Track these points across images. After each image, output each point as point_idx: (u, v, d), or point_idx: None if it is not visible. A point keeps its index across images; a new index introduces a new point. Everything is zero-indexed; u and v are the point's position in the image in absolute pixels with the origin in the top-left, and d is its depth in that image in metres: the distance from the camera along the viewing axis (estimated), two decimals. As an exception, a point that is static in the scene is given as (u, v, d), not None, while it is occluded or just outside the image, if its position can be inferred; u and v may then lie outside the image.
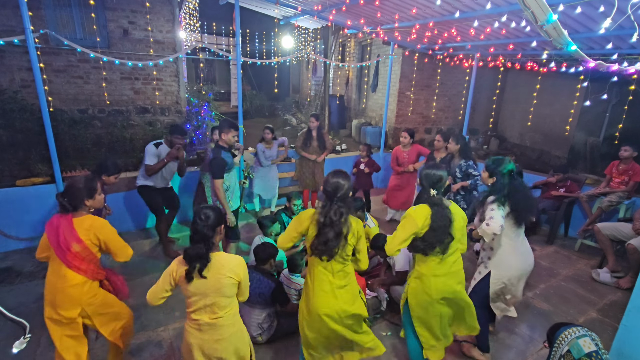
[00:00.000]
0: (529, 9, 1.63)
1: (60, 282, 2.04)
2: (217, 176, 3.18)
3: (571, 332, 1.89)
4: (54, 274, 2.07)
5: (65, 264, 2.03)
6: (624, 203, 4.46)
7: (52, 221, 2.08)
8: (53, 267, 2.08)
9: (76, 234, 2.03)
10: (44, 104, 3.76)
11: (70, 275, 2.04)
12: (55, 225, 2.05)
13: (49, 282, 2.09)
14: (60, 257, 2.02)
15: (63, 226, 2.03)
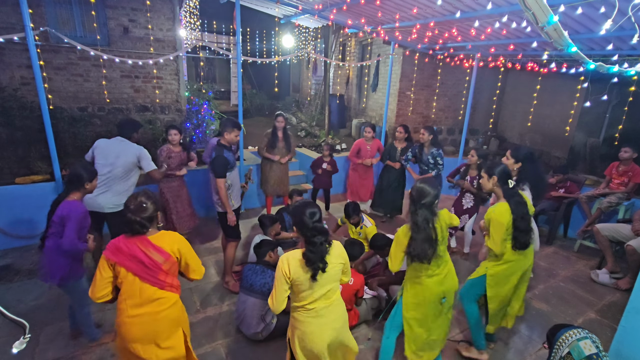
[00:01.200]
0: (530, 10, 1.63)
1: (156, 307, 1.87)
2: (219, 175, 3.18)
3: (572, 334, 1.89)
4: (140, 305, 1.85)
5: (158, 285, 1.88)
6: (623, 204, 4.46)
7: (120, 248, 1.85)
8: (134, 299, 1.85)
9: (163, 250, 1.88)
10: (44, 101, 3.75)
11: (167, 296, 1.91)
12: (128, 250, 1.85)
13: (134, 317, 1.84)
14: (150, 281, 1.86)
15: (143, 247, 1.85)
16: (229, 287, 3.54)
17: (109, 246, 1.89)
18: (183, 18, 7.45)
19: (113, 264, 1.86)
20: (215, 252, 4.23)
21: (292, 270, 1.85)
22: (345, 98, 10.13)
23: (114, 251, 1.86)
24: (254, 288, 2.80)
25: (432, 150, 4.61)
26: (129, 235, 1.88)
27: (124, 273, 1.85)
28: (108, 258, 1.85)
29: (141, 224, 1.86)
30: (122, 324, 1.87)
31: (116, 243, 1.88)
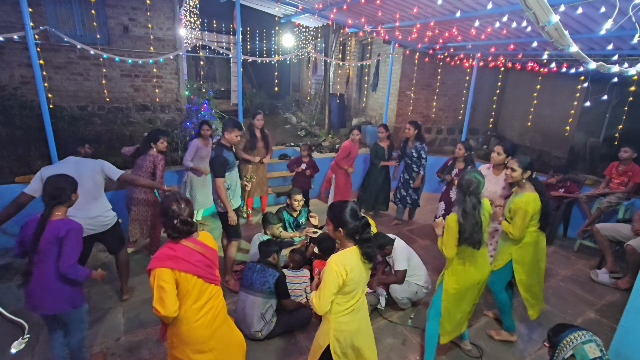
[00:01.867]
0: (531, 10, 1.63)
1: (214, 302, 1.92)
2: (218, 175, 3.18)
3: (577, 336, 1.87)
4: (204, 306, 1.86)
5: (215, 282, 1.92)
6: (623, 204, 4.47)
7: (178, 256, 1.78)
8: (199, 302, 1.85)
9: (211, 247, 1.92)
10: (44, 100, 3.75)
11: (219, 290, 1.97)
12: (188, 254, 1.81)
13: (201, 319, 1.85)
14: (210, 279, 1.88)
15: (198, 248, 1.85)
16: (229, 286, 3.54)
17: (162, 257, 1.77)
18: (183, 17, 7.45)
19: (176, 273, 1.76)
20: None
21: (349, 271, 1.79)
22: (346, 97, 10.13)
23: (175, 260, 1.77)
24: (253, 287, 2.81)
25: (416, 144, 4.84)
26: (176, 240, 1.82)
27: (189, 278, 1.79)
28: (173, 269, 1.75)
29: (192, 223, 1.85)
30: (190, 329, 1.82)
31: (169, 252, 1.79)
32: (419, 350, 2.88)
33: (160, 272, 1.73)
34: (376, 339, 2.95)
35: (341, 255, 1.83)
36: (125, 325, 3.00)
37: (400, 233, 4.97)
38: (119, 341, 2.82)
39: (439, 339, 2.59)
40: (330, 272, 1.78)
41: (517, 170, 2.74)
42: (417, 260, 3.37)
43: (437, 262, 4.28)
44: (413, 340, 2.99)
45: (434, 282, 3.77)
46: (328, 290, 1.78)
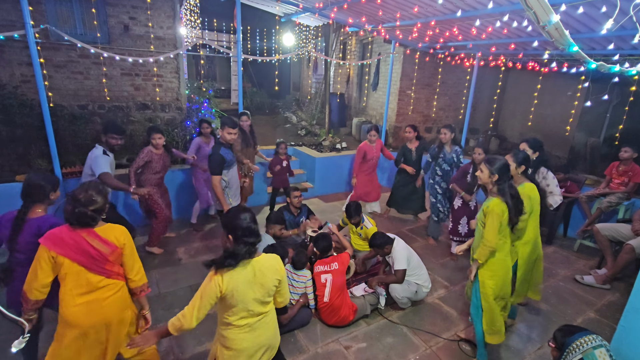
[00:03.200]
0: (532, 9, 1.62)
1: (103, 293, 1.92)
2: (214, 172, 3.17)
3: (587, 340, 1.85)
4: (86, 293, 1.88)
5: (104, 275, 1.92)
6: (623, 204, 4.46)
7: (63, 239, 1.83)
8: (80, 289, 1.87)
9: (109, 242, 1.92)
10: (44, 99, 3.75)
11: (113, 283, 1.96)
12: (74, 241, 1.84)
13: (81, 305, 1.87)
14: (96, 271, 1.89)
15: (89, 239, 1.87)
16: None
17: (48, 236, 1.82)
18: (183, 16, 7.44)
19: (54, 256, 1.81)
20: (215, 251, 4.24)
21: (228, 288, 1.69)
22: (346, 97, 10.12)
23: (56, 242, 1.81)
24: None
25: (456, 148, 4.59)
26: (75, 227, 1.86)
27: (69, 264, 1.83)
28: (50, 249, 1.80)
29: (92, 217, 1.87)
30: (70, 313, 1.87)
31: (58, 234, 1.83)
32: (418, 349, 2.88)
33: (41, 249, 1.82)
34: (376, 338, 2.97)
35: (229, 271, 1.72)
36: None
37: (400, 233, 4.98)
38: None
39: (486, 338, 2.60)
40: (206, 281, 1.73)
41: (511, 165, 2.67)
42: (417, 260, 3.37)
43: (438, 261, 4.29)
44: (413, 339, 2.99)
45: (434, 281, 3.78)
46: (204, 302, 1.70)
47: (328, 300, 3.01)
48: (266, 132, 9.01)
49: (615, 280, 3.93)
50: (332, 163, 6.45)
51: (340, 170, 6.59)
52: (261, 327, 1.86)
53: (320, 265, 3.13)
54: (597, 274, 3.93)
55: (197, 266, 3.91)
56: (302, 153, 6.73)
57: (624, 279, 4.00)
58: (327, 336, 2.98)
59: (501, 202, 2.39)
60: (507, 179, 2.45)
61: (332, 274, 3.06)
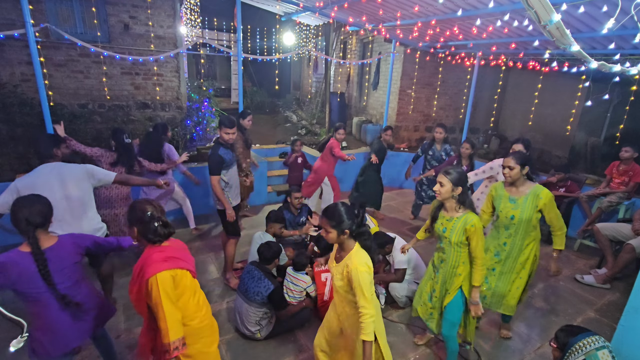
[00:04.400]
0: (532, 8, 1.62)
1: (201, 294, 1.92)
2: (213, 172, 3.17)
3: (590, 341, 1.84)
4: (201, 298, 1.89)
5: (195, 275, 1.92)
6: (623, 204, 4.46)
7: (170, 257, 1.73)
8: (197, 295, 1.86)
9: (183, 243, 1.94)
10: (44, 98, 3.74)
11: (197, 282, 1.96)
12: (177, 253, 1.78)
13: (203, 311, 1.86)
14: (194, 273, 1.90)
15: (178, 246, 1.85)
16: (229, 284, 3.55)
17: (158, 262, 1.66)
18: (184, 15, 7.44)
19: (174, 275, 1.69)
20: (215, 250, 4.24)
21: (371, 265, 1.89)
22: (346, 96, 10.12)
23: (171, 260, 1.71)
24: (247, 294, 2.77)
25: (445, 147, 4.92)
26: (157, 244, 1.75)
27: (185, 274, 1.77)
28: (171, 269, 1.67)
29: (170, 225, 1.82)
30: (200, 323, 1.82)
31: (160, 255, 1.70)
32: (418, 348, 2.88)
33: (162, 276, 1.62)
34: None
35: (360, 257, 1.87)
36: (125, 323, 3.01)
37: (400, 232, 4.98)
38: (119, 339, 2.82)
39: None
40: (364, 274, 1.81)
41: (515, 167, 2.54)
42: (417, 259, 3.37)
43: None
44: (413, 338, 2.99)
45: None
46: (371, 290, 1.84)
47: (328, 299, 3.02)
48: (266, 131, 9.00)
49: (615, 280, 3.93)
50: (332, 162, 6.44)
51: (340, 169, 6.57)
52: None
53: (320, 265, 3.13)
54: (597, 274, 3.93)
55: (197, 265, 3.91)
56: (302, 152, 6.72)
57: (624, 279, 4.00)
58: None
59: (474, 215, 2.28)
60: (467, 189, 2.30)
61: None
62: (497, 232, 2.76)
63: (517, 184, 2.60)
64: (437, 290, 2.50)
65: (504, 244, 2.70)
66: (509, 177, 2.57)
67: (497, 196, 2.70)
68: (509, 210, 2.61)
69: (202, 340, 1.83)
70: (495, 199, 2.70)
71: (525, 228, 2.60)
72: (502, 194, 2.67)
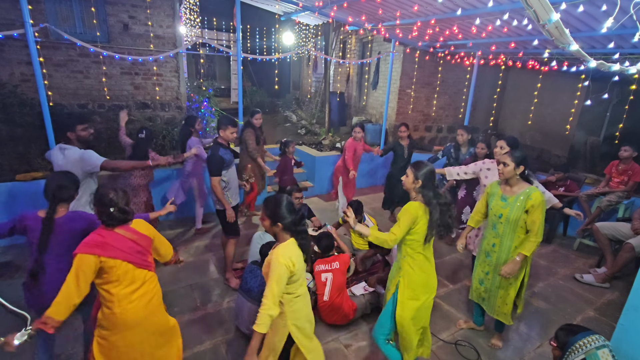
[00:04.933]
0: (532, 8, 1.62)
1: (148, 286, 1.96)
2: (214, 173, 3.18)
3: (590, 340, 1.85)
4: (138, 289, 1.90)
5: (148, 268, 1.97)
6: (623, 203, 4.47)
7: (107, 242, 1.81)
8: (132, 285, 1.89)
9: (144, 235, 1.98)
10: (44, 98, 3.74)
11: (153, 275, 2.02)
12: (119, 241, 1.85)
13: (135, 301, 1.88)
14: (143, 265, 1.94)
15: (130, 235, 1.90)
16: (229, 284, 3.55)
17: (91, 243, 1.79)
18: (183, 15, 7.43)
19: (103, 261, 1.80)
20: (215, 250, 4.24)
21: (296, 263, 1.91)
22: (346, 96, 10.11)
23: (100, 246, 1.80)
24: (251, 293, 2.76)
25: (471, 150, 4.66)
26: (110, 228, 1.87)
27: (118, 264, 1.84)
28: (99, 255, 1.78)
29: (128, 212, 1.91)
30: (128, 310, 1.86)
31: (99, 239, 1.82)
32: (418, 348, 2.89)
33: (83, 258, 1.75)
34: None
35: (281, 250, 1.92)
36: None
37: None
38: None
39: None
40: (279, 266, 1.85)
41: (510, 164, 2.51)
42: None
43: (437, 260, 4.29)
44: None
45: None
46: (280, 285, 1.85)
47: (328, 299, 3.02)
48: (266, 131, 8.94)
49: (614, 279, 3.94)
50: (332, 162, 6.45)
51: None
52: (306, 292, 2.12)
53: (321, 264, 3.13)
54: (597, 273, 3.94)
55: (197, 265, 3.92)
56: (302, 152, 6.73)
57: (624, 278, 4.01)
58: (327, 335, 2.98)
59: (420, 204, 2.20)
60: (432, 186, 2.22)
61: (333, 273, 3.07)
62: (487, 232, 2.74)
63: (511, 182, 2.56)
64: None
65: (493, 245, 2.65)
66: (501, 174, 2.55)
67: (491, 193, 2.69)
68: (499, 208, 2.57)
69: (122, 330, 1.88)
70: (489, 197, 2.70)
71: (513, 228, 2.54)
72: (496, 191, 2.66)
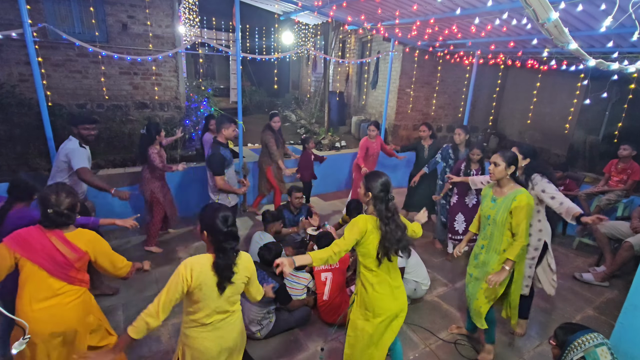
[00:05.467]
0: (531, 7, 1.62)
1: (63, 299, 1.86)
2: (218, 172, 3.18)
3: (589, 338, 1.85)
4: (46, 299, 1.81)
5: (67, 281, 1.87)
6: (622, 201, 4.47)
7: (28, 241, 1.78)
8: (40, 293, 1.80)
9: (78, 248, 1.87)
10: (42, 98, 3.73)
11: (75, 289, 1.90)
12: (40, 244, 1.79)
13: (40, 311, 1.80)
14: (59, 276, 1.84)
15: (57, 243, 1.82)
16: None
17: (14, 236, 1.78)
18: (182, 14, 7.42)
19: (18, 257, 1.77)
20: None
21: (195, 277, 1.66)
22: (345, 95, 10.11)
23: (21, 243, 1.77)
24: None
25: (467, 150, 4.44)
26: (47, 229, 1.83)
27: (30, 266, 1.78)
28: (13, 249, 1.75)
29: (68, 215, 1.85)
30: (27, 319, 1.72)
31: (24, 235, 1.79)
32: (417, 347, 2.89)
33: (1, 247, 1.76)
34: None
35: (195, 258, 1.73)
36: (125, 322, 3.01)
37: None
38: (118, 339, 2.82)
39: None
40: (176, 273, 1.67)
41: (501, 164, 2.44)
42: (416, 258, 3.38)
43: (437, 259, 4.29)
44: (412, 337, 3.00)
45: (433, 279, 3.78)
46: (170, 293, 1.65)
47: (327, 299, 3.02)
48: (265, 130, 8.98)
49: (614, 278, 3.94)
50: (331, 161, 6.44)
51: (339, 168, 6.58)
52: (225, 326, 1.79)
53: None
54: (596, 272, 3.94)
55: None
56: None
57: (623, 277, 4.01)
58: (327, 334, 2.99)
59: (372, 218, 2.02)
60: (383, 200, 2.01)
61: (333, 273, 3.06)
62: (479, 235, 2.73)
63: (501, 183, 2.54)
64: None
65: (482, 247, 2.63)
66: (492, 174, 2.52)
67: (484, 195, 2.69)
68: (488, 210, 2.55)
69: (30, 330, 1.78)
70: (483, 199, 2.69)
71: (500, 231, 2.49)
72: (488, 193, 2.65)
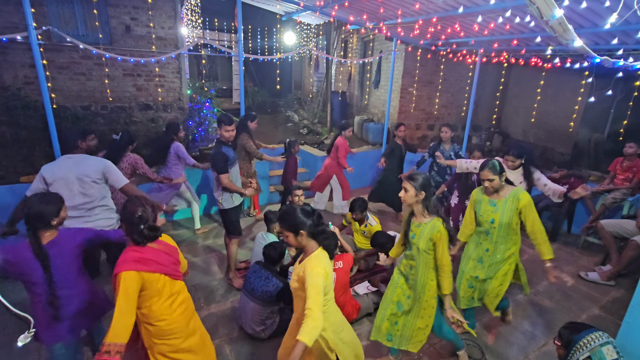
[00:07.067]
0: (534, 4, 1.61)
1: (183, 294, 1.97)
2: (222, 171, 3.19)
3: (594, 337, 1.85)
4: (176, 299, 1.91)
5: (179, 278, 1.97)
6: (627, 200, 4.44)
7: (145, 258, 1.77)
8: (174, 297, 1.89)
9: (172, 246, 1.98)
10: (47, 100, 3.76)
11: (183, 285, 2.01)
12: (155, 256, 1.82)
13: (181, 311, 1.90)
14: (176, 276, 1.93)
15: (162, 248, 1.89)
16: (232, 284, 3.56)
17: (129, 260, 1.73)
18: (184, 16, 7.46)
19: (145, 277, 1.75)
20: (218, 250, 4.25)
21: (329, 273, 1.87)
22: (347, 95, 10.10)
23: (143, 262, 1.76)
24: (255, 293, 2.78)
25: (454, 146, 4.83)
26: (141, 245, 1.81)
27: (158, 277, 1.80)
28: (140, 270, 1.72)
29: (158, 228, 1.87)
30: (169, 323, 1.84)
31: (136, 255, 1.77)
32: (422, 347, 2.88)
33: (127, 275, 1.68)
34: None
35: (314, 258, 1.87)
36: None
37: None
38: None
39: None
40: (317, 276, 1.77)
41: (495, 178, 2.48)
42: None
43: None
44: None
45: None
46: (321, 294, 1.76)
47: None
48: (268, 131, 9.01)
49: (619, 277, 3.91)
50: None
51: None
52: None
53: None
54: (602, 271, 3.91)
55: (198, 266, 3.93)
56: (304, 152, 6.73)
57: (629, 275, 3.98)
58: (331, 334, 2.98)
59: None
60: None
61: (336, 273, 3.06)
62: (478, 238, 2.70)
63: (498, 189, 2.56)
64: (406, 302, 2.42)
65: (487, 250, 2.63)
66: (490, 188, 2.53)
67: (477, 200, 2.65)
68: (490, 213, 2.55)
69: (171, 339, 1.87)
70: (476, 204, 2.66)
71: (506, 231, 2.53)
72: (481, 198, 2.63)
